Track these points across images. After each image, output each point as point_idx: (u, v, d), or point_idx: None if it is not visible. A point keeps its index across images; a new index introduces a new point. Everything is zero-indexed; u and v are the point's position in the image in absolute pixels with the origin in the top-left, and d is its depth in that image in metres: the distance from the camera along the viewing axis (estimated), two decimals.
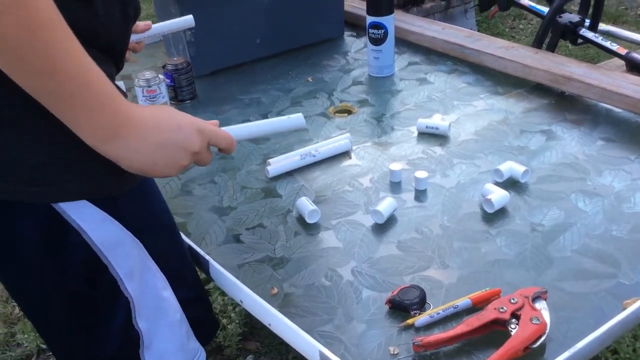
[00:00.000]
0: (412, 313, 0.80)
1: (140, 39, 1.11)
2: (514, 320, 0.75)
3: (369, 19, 1.46)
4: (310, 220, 1.00)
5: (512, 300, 0.77)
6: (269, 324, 0.84)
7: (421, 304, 0.81)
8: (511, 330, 0.74)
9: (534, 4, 2.04)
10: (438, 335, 0.75)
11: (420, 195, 1.06)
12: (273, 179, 1.14)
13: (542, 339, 0.73)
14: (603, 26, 1.97)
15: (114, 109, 0.63)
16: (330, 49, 1.70)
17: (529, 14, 3.01)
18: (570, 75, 1.32)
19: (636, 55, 1.70)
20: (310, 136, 1.27)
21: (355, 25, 1.81)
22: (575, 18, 1.78)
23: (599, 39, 1.77)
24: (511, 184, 1.06)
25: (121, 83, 1.39)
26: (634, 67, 1.69)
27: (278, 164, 1.15)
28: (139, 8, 0.79)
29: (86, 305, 0.78)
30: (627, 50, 1.73)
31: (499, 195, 1.00)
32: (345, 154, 1.20)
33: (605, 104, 1.28)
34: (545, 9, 1.96)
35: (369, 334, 0.79)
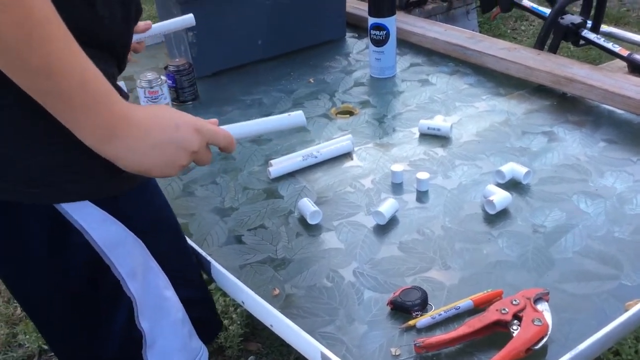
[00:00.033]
0: (414, 314, 0.80)
1: (140, 39, 1.11)
2: (515, 321, 0.75)
3: (371, 20, 1.46)
4: (311, 221, 1.00)
5: (514, 302, 0.77)
6: (271, 325, 0.84)
7: (423, 305, 0.81)
8: (513, 332, 0.74)
9: (535, 6, 2.03)
10: (440, 336, 0.74)
11: (421, 196, 1.06)
12: (275, 180, 1.14)
13: (544, 340, 0.73)
14: (605, 27, 1.96)
15: (110, 108, 0.62)
16: (332, 50, 1.70)
17: (531, 16, 3.00)
18: (572, 77, 1.32)
19: (638, 57, 1.69)
20: (312, 137, 1.27)
21: (357, 27, 1.81)
22: (577, 19, 1.77)
23: (601, 41, 1.77)
24: (513, 185, 1.06)
25: (123, 84, 1.39)
26: (636, 69, 1.68)
27: (280, 165, 1.15)
28: (140, 8, 0.79)
29: (88, 306, 0.78)
30: (629, 52, 1.72)
31: (500, 197, 1.00)
32: (346, 155, 1.20)
33: (607, 105, 1.28)
34: (547, 11, 1.95)
35: (370, 335, 0.79)
